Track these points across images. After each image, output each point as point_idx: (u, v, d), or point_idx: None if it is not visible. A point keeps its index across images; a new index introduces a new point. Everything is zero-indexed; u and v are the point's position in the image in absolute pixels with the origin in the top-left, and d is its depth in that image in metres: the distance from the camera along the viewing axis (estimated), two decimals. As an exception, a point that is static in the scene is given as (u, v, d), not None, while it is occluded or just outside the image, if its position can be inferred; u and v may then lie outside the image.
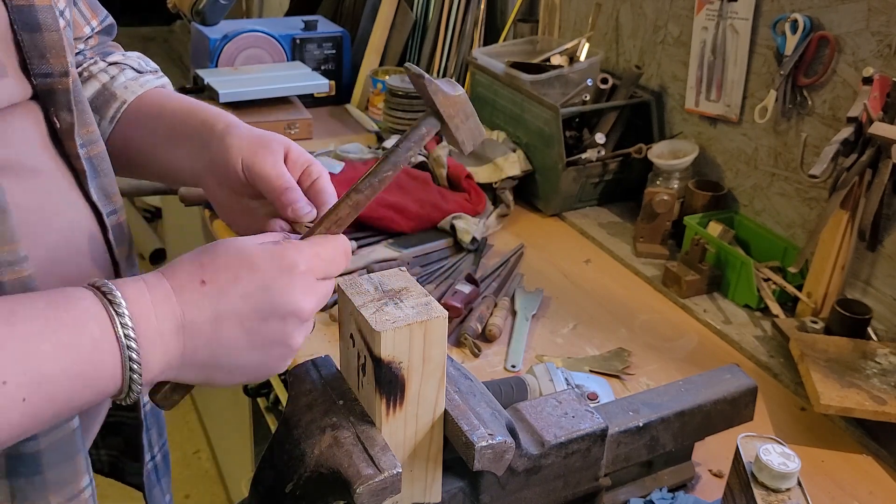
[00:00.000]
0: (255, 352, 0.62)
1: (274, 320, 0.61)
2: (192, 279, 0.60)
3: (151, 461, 0.93)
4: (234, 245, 0.63)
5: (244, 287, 0.60)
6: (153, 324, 0.58)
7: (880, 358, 1.17)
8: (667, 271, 1.48)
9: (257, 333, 0.61)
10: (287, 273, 0.62)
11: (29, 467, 0.66)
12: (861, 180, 1.25)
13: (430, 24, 2.26)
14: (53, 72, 0.68)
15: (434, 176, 1.73)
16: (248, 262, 0.61)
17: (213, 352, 0.60)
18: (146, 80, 0.90)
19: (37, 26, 0.66)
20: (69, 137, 0.71)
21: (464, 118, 0.73)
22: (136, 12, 4.69)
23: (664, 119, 1.77)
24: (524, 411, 0.83)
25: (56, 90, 0.69)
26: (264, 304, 0.61)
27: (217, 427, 2.52)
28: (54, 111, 0.69)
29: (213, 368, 0.62)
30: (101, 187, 0.75)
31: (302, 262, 0.63)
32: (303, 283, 0.62)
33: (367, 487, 0.65)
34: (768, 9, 1.47)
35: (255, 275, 0.61)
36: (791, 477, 0.81)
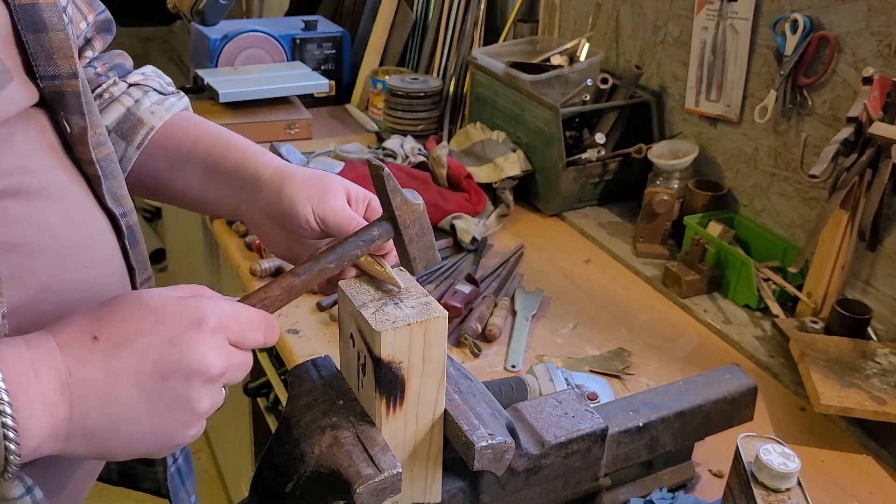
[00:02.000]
0: (155, 416, 0.55)
1: (176, 379, 0.55)
2: (83, 334, 0.54)
3: (174, 464, 0.92)
4: (139, 297, 0.57)
5: (143, 341, 0.54)
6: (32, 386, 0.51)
7: (880, 358, 1.17)
8: (667, 271, 1.48)
9: (157, 393, 0.54)
10: (194, 328, 0.55)
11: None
12: (861, 180, 1.25)
13: (430, 24, 2.26)
14: (61, 73, 0.64)
15: (434, 176, 1.73)
16: (151, 314, 0.55)
17: (105, 417, 0.53)
18: (171, 103, 0.88)
19: (42, 26, 0.62)
20: (82, 142, 0.67)
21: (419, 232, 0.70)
22: (136, 12, 4.69)
23: (664, 119, 1.77)
24: (524, 411, 0.83)
25: (65, 93, 0.65)
26: (166, 360, 0.54)
27: (217, 427, 2.52)
28: (64, 115, 0.66)
29: (108, 437, 0.54)
30: (111, 191, 0.71)
31: (213, 319, 0.57)
32: (212, 341, 0.56)
33: (367, 487, 0.65)
34: (768, 9, 1.47)
35: (158, 328, 0.55)
36: (791, 477, 0.81)
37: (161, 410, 0.55)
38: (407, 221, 0.70)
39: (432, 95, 2.06)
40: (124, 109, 0.86)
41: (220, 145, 0.84)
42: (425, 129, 2.07)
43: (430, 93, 2.05)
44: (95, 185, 0.69)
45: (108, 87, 0.87)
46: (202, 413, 0.57)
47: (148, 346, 0.54)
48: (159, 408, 0.55)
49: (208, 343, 0.56)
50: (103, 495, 0.88)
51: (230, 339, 0.58)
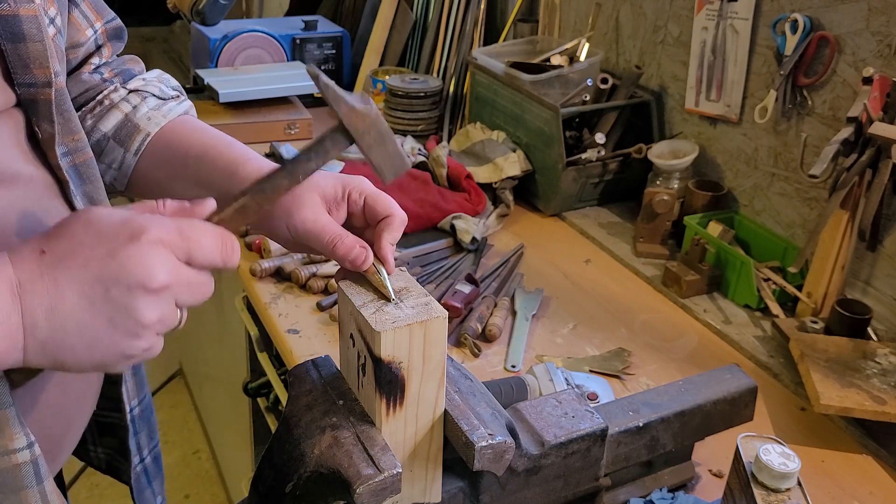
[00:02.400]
0: (100, 325, 0.56)
1: (117, 289, 0.56)
2: (32, 250, 0.57)
3: (140, 464, 0.93)
4: (86, 214, 0.59)
5: (84, 253, 0.56)
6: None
7: (880, 358, 1.17)
8: (667, 271, 1.48)
9: (100, 302, 0.56)
10: (133, 240, 0.56)
11: None
12: (861, 180, 1.25)
13: (430, 24, 2.26)
14: (37, 82, 0.68)
15: (434, 176, 1.73)
16: (94, 228, 0.57)
17: (53, 326, 0.56)
18: (169, 108, 0.89)
19: (21, 36, 0.66)
20: (49, 147, 0.71)
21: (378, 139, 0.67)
22: (136, 12, 4.69)
23: (664, 119, 1.77)
24: (524, 411, 0.83)
25: (38, 100, 0.69)
26: (105, 271, 0.56)
27: (217, 427, 2.52)
28: (36, 121, 0.69)
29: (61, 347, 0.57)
30: (86, 194, 0.75)
31: (152, 232, 0.57)
32: (151, 253, 0.57)
33: (367, 487, 0.65)
34: (768, 9, 1.47)
35: (98, 240, 0.57)
36: (791, 477, 0.81)
37: (105, 319, 0.56)
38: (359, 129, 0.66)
39: (432, 95, 2.06)
40: (122, 116, 0.87)
41: (211, 154, 0.83)
42: (425, 129, 2.07)
43: (430, 93, 2.05)
44: (65, 189, 0.72)
45: (109, 94, 0.88)
46: (147, 323, 0.57)
47: (89, 258, 0.56)
48: (103, 316, 0.56)
49: (147, 254, 0.56)
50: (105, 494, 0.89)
51: (176, 254, 0.58)
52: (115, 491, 2.42)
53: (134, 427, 0.90)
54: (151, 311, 0.57)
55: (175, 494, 2.53)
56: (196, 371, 2.74)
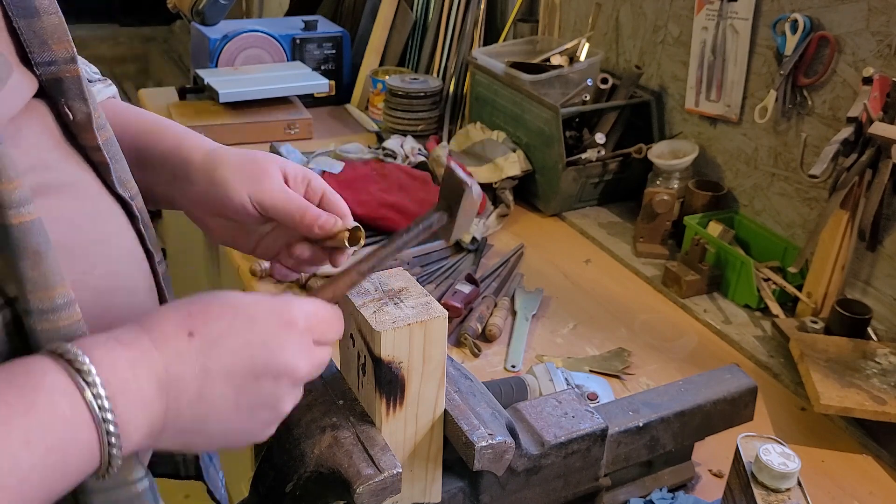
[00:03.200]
0: (241, 414, 0.56)
1: (266, 380, 0.56)
2: (178, 330, 0.54)
3: None
4: (230, 295, 0.57)
5: (237, 340, 0.55)
6: (131, 388, 0.50)
7: (880, 358, 1.17)
8: (667, 271, 1.48)
9: (247, 393, 0.55)
10: (286, 329, 0.57)
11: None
12: (861, 180, 1.25)
13: (430, 24, 2.26)
14: (58, 59, 0.61)
15: (434, 176, 1.73)
16: (243, 313, 0.56)
17: (197, 412, 0.54)
18: (97, 90, 0.83)
19: (33, 10, 0.59)
20: (86, 129, 0.64)
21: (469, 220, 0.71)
22: (136, 12, 4.70)
23: (664, 119, 1.77)
24: (524, 411, 0.83)
25: (64, 79, 0.62)
26: (258, 360, 0.55)
27: (217, 427, 2.52)
28: (65, 102, 0.62)
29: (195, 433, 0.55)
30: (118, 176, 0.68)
31: (302, 320, 0.58)
32: (301, 342, 0.58)
33: (367, 487, 0.65)
34: (768, 9, 1.47)
35: (251, 327, 0.56)
36: (791, 477, 0.81)
37: (248, 409, 0.56)
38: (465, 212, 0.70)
39: (432, 95, 2.06)
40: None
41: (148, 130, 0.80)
42: (425, 129, 2.07)
43: (430, 93, 2.05)
44: (104, 172, 0.66)
45: None
46: (285, 413, 0.58)
47: (241, 345, 0.55)
48: (247, 406, 0.56)
49: (297, 344, 0.57)
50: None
51: (314, 339, 0.59)
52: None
53: None
54: (291, 399, 0.58)
55: (175, 494, 2.52)
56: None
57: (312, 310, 0.60)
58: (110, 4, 5.06)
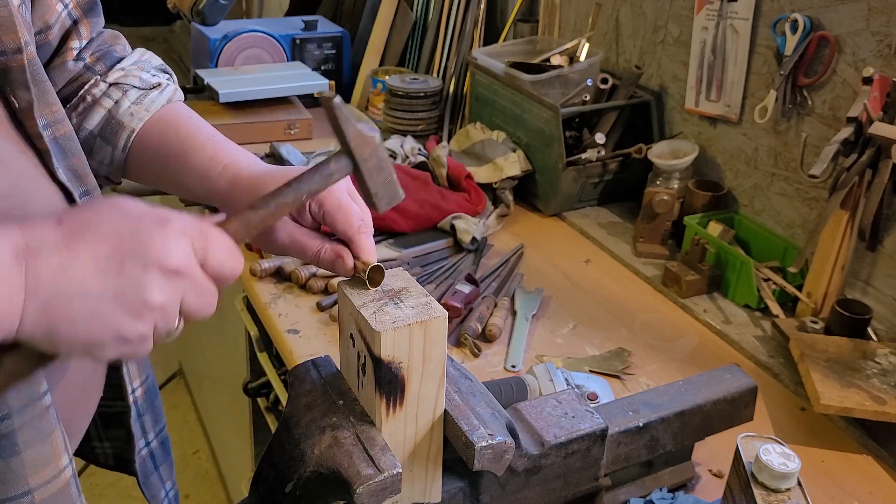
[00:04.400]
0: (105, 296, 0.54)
1: (132, 264, 0.55)
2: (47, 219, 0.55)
3: (146, 447, 0.91)
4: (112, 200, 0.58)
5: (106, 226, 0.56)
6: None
7: (880, 358, 1.17)
8: (667, 271, 1.48)
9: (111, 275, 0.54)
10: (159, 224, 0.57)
11: (4, 449, 0.63)
12: (861, 180, 1.25)
13: (430, 24, 2.26)
14: (6, 49, 0.65)
15: (434, 176, 1.73)
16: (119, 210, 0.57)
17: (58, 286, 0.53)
18: (151, 100, 0.87)
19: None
20: (28, 117, 0.68)
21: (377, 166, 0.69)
22: (136, 12, 4.69)
23: (664, 119, 1.77)
24: (524, 411, 0.83)
25: (10, 68, 0.66)
26: (125, 243, 0.55)
27: (217, 427, 2.52)
28: (10, 90, 0.66)
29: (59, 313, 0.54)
30: (70, 168, 0.72)
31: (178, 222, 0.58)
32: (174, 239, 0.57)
33: (367, 487, 0.65)
34: (768, 9, 1.47)
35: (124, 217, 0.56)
36: (791, 477, 0.81)
37: (112, 292, 0.55)
38: (364, 155, 0.68)
39: (432, 95, 2.06)
40: (105, 112, 0.86)
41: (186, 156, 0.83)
42: (425, 129, 2.07)
43: (430, 93, 2.05)
44: (47, 160, 0.69)
45: (90, 89, 0.86)
46: (152, 304, 0.56)
47: (110, 230, 0.55)
48: (111, 288, 0.55)
49: (170, 238, 0.56)
50: (104, 494, 0.88)
51: (195, 249, 0.58)
52: (114, 491, 2.42)
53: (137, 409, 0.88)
54: (159, 292, 0.56)
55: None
56: (196, 371, 2.74)
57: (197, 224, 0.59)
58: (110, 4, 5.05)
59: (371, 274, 0.71)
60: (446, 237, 1.57)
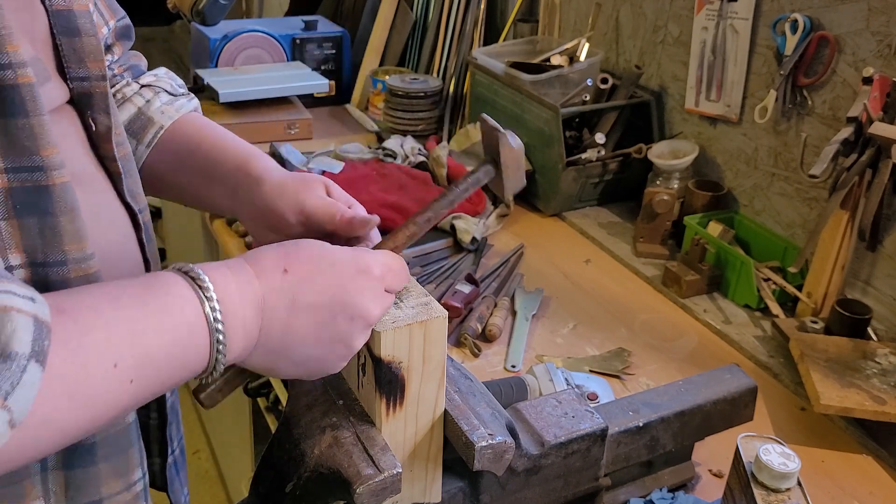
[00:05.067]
0: (320, 346, 0.64)
1: (343, 318, 0.63)
2: (275, 266, 0.62)
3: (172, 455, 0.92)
4: (316, 243, 0.66)
5: (321, 280, 0.63)
6: (237, 306, 0.60)
7: (880, 358, 1.17)
8: (667, 271, 1.48)
9: (326, 328, 0.63)
10: (362, 275, 0.65)
11: (84, 459, 0.67)
12: (861, 180, 1.25)
13: (430, 24, 2.26)
14: (91, 76, 0.69)
15: (434, 176, 1.73)
16: (328, 258, 0.64)
17: (284, 339, 0.62)
18: (181, 104, 0.92)
19: (76, 31, 0.67)
20: (107, 140, 0.72)
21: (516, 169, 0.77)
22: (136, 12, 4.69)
23: (664, 119, 1.77)
24: (524, 411, 0.83)
25: (94, 94, 0.70)
26: (338, 300, 0.63)
27: (217, 427, 2.52)
28: (91, 114, 0.70)
29: (280, 357, 0.63)
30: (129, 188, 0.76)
31: (376, 268, 0.66)
32: (374, 288, 0.65)
33: (367, 487, 0.65)
34: (768, 9, 1.47)
35: (334, 271, 0.64)
36: (791, 477, 0.81)
37: (326, 342, 0.64)
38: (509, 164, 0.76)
39: (432, 95, 2.06)
40: (136, 109, 0.89)
41: (219, 148, 0.87)
42: (425, 129, 2.07)
43: (430, 93, 2.05)
44: (117, 181, 0.74)
45: (122, 88, 0.90)
46: (356, 349, 0.66)
47: (324, 285, 0.63)
48: (325, 340, 0.64)
49: (371, 290, 0.65)
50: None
51: (385, 287, 0.67)
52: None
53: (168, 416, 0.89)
54: (362, 338, 0.66)
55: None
56: (196, 371, 2.74)
57: (384, 260, 0.68)
58: (110, 4, 5.04)
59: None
60: (446, 237, 1.57)
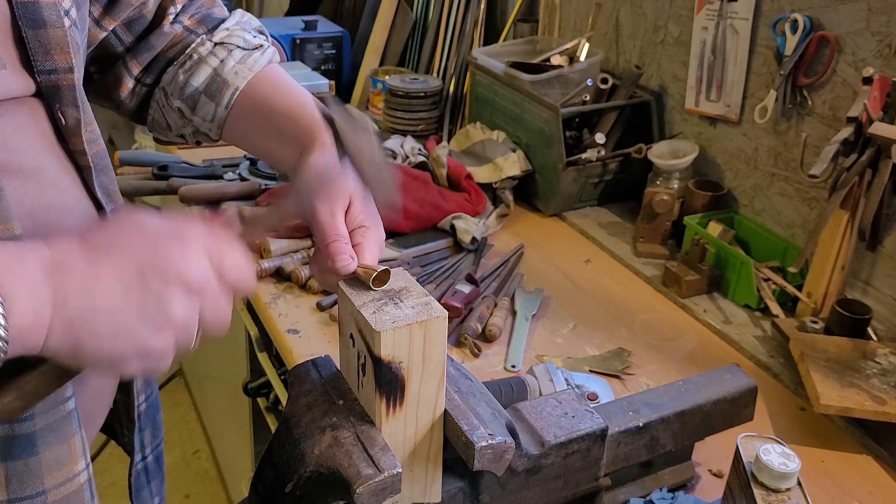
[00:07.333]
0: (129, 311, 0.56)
1: (154, 277, 0.56)
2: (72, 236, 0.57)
3: (142, 461, 0.92)
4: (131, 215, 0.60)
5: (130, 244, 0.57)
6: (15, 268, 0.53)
7: (880, 358, 1.17)
8: (667, 271, 1.48)
9: (134, 290, 0.56)
10: (178, 240, 0.58)
11: (24, 448, 0.65)
12: (861, 180, 1.25)
13: (430, 24, 2.26)
14: (58, 68, 0.68)
15: (434, 176, 1.73)
16: (139, 226, 0.59)
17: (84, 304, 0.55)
18: (254, 60, 0.91)
19: (41, 22, 0.66)
20: (75, 133, 0.71)
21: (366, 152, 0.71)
22: (136, 12, 4.69)
23: (664, 119, 1.77)
24: (524, 411, 0.83)
25: (61, 86, 0.69)
26: (146, 259, 0.57)
27: (217, 427, 2.52)
28: (59, 107, 0.69)
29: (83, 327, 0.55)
30: (101, 185, 0.75)
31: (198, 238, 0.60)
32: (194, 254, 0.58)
33: (367, 487, 0.65)
34: (768, 9, 1.47)
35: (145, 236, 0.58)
36: (791, 477, 0.81)
37: (136, 307, 0.56)
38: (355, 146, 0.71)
39: (432, 95, 2.06)
40: (211, 70, 0.90)
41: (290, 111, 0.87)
42: (425, 129, 2.07)
43: (430, 93, 2.05)
44: (87, 176, 0.72)
45: (196, 48, 0.90)
46: (174, 318, 0.57)
47: (131, 247, 0.57)
48: (134, 303, 0.56)
49: (190, 253, 0.58)
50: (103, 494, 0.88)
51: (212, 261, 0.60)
52: (114, 491, 2.42)
53: (139, 423, 0.89)
54: (180, 306, 0.57)
55: (175, 494, 2.53)
56: (196, 371, 2.74)
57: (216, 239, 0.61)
58: (110, 4, 5.05)
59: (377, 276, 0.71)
60: (446, 237, 1.57)
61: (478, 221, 1.60)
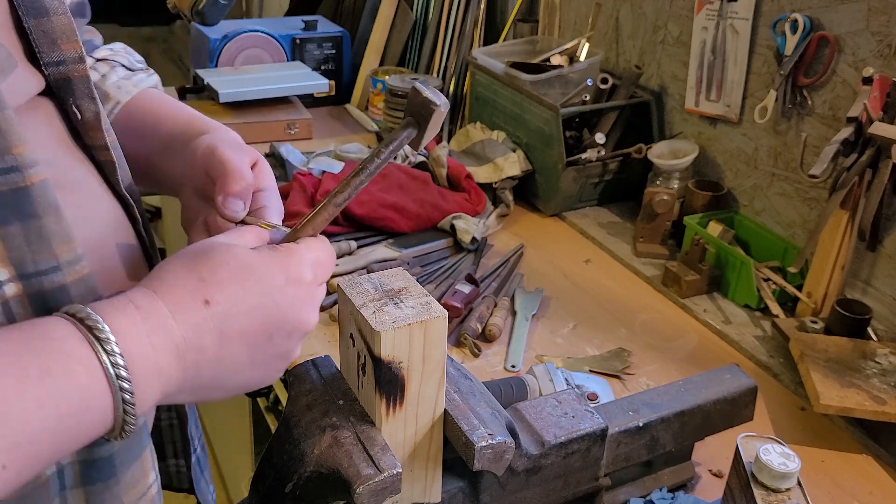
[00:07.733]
0: (256, 369, 0.58)
1: (280, 336, 0.58)
2: (194, 298, 0.54)
3: (194, 453, 0.89)
4: (234, 254, 0.57)
5: (250, 303, 0.56)
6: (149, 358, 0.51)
7: (880, 358, 1.17)
8: (667, 271, 1.48)
9: (262, 350, 0.57)
10: (294, 285, 0.59)
11: (104, 472, 0.61)
12: (861, 180, 1.25)
13: (430, 24, 2.26)
14: (67, 59, 0.62)
15: (434, 176, 1.73)
16: (253, 273, 0.57)
17: (215, 373, 0.56)
18: (139, 79, 0.84)
19: (43, 10, 0.60)
20: (95, 128, 0.64)
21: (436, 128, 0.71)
22: (136, 12, 4.70)
23: (664, 119, 1.77)
24: (524, 411, 0.83)
25: (73, 78, 0.62)
26: (271, 320, 0.57)
27: (217, 427, 2.52)
28: (73, 101, 0.63)
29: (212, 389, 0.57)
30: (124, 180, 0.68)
31: (307, 272, 0.60)
32: (310, 296, 0.61)
33: (367, 487, 0.65)
34: (768, 9, 1.47)
35: (261, 288, 0.57)
36: (791, 477, 0.81)
37: (262, 363, 0.59)
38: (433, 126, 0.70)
39: (432, 95, 2.06)
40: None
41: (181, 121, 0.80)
42: (425, 129, 2.07)
43: (430, 93, 2.05)
44: (109, 172, 0.66)
45: None
46: (294, 358, 0.61)
47: (254, 308, 0.56)
48: (262, 361, 0.58)
49: (307, 300, 0.60)
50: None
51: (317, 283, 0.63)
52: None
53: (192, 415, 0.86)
54: (299, 347, 0.61)
55: (175, 494, 2.53)
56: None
57: (312, 257, 0.62)
58: (110, 4, 5.07)
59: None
60: (446, 237, 1.57)
61: (478, 221, 1.60)
